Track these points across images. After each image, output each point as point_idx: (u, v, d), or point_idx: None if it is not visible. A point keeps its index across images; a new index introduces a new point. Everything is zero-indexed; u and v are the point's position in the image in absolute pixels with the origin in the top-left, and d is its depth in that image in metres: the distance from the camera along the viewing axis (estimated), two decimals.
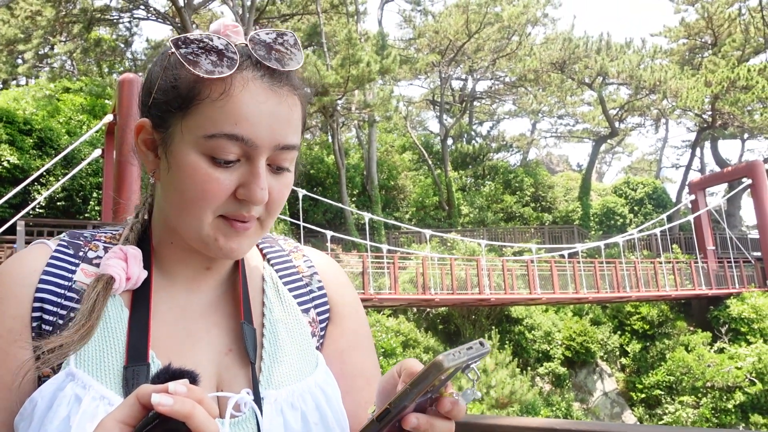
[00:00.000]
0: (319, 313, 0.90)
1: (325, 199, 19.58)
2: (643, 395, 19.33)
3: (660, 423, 17.98)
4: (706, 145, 34.46)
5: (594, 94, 29.79)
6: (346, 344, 0.91)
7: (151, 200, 0.86)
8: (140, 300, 0.78)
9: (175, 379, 0.57)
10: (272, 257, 0.93)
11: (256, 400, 0.76)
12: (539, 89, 31.92)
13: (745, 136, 33.79)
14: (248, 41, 0.75)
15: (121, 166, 9.13)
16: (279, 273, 0.91)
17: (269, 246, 0.95)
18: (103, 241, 0.84)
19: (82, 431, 0.66)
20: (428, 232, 18.87)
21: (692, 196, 24.15)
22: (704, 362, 18.37)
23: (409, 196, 28.61)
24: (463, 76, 34.18)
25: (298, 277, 0.92)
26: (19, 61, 28.81)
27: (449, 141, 31.44)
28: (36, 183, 15.23)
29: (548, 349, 19.09)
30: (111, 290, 0.76)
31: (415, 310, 19.26)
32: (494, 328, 18.49)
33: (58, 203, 16.25)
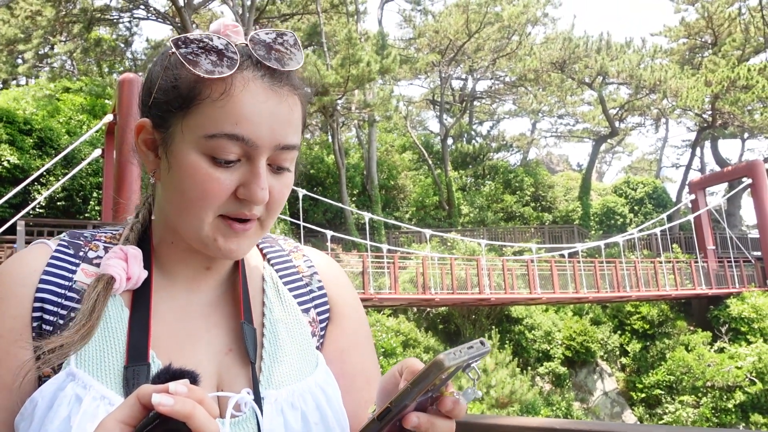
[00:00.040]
0: (319, 313, 0.90)
1: (325, 199, 19.58)
2: (644, 395, 19.33)
3: (660, 422, 17.98)
4: (706, 144, 34.45)
5: (594, 94, 29.78)
6: (346, 344, 0.91)
7: (151, 200, 0.85)
8: (140, 300, 0.78)
9: (176, 379, 0.57)
10: (272, 257, 0.93)
11: (257, 399, 0.76)
12: (539, 89, 31.92)
13: (745, 135, 33.79)
14: (248, 41, 0.75)
15: (121, 166, 9.13)
16: (279, 273, 0.91)
17: (269, 246, 0.95)
18: (103, 241, 0.84)
19: (83, 431, 0.66)
20: (428, 232, 18.88)
21: (692, 196, 24.16)
22: (704, 362, 18.37)
23: (409, 196, 28.61)
24: (463, 76, 34.18)
25: (298, 277, 0.92)
26: (19, 60, 28.81)
27: (449, 141, 31.43)
28: (36, 183, 15.23)
29: (548, 348, 19.10)
30: (111, 290, 0.76)
31: (415, 309, 19.26)
32: (494, 327, 18.50)
33: (59, 203, 16.25)
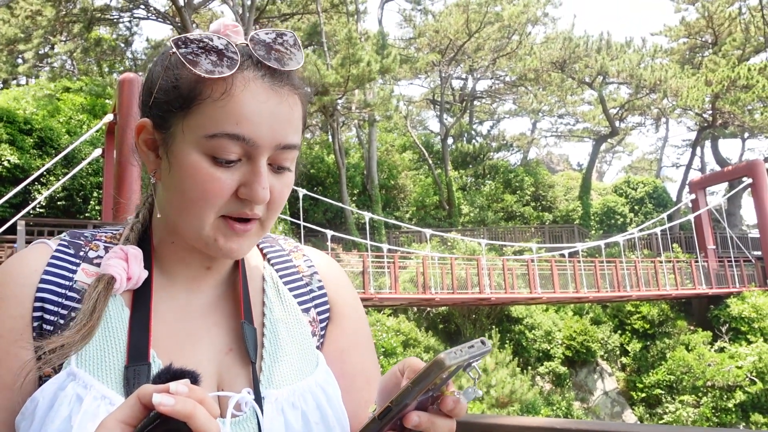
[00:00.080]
0: (320, 313, 0.90)
1: (325, 199, 19.59)
2: (644, 394, 19.33)
3: (660, 422, 17.98)
4: (707, 144, 34.44)
5: (594, 94, 29.78)
6: (346, 344, 0.91)
7: (151, 200, 0.85)
8: (141, 300, 0.78)
9: (177, 379, 0.57)
10: (272, 257, 0.93)
11: (257, 399, 0.76)
12: (539, 88, 31.92)
13: (746, 135, 33.79)
14: (248, 41, 0.75)
15: (122, 166, 9.13)
16: (279, 273, 0.91)
17: (269, 246, 0.95)
18: (103, 241, 0.84)
19: (84, 431, 0.66)
20: (428, 232, 18.88)
21: (692, 196, 24.15)
22: (705, 361, 18.37)
23: (410, 196, 28.61)
24: (464, 76, 34.19)
25: (299, 277, 0.92)
26: (20, 60, 28.82)
27: (449, 140, 31.44)
28: (36, 182, 15.23)
29: (548, 348, 19.10)
30: (112, 290, 0.76)
31: (416, 309, 19.27)
32: (494, 327, 18.50)
33: (59, 203, 16.25)
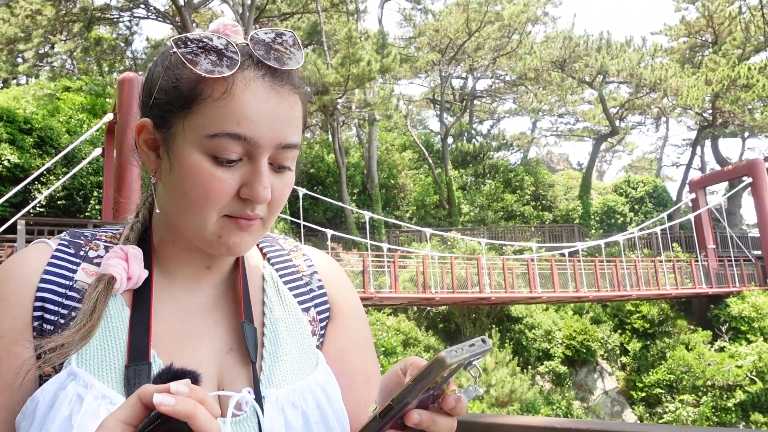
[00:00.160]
0: (319, 312, 0.90)
1: (325, 198, 19.59)
2: (644, 394, 19.34)
3: (660, 421, 17.98)
4: (707, 143, 34.44)
5: (594, 93, 29.77)
6: (346, 343, 0.91)
7: (151, 200, 0.85)
8: (141, 299, 0.78)
9: (177, 379, 0.57)
10: (272, 256, 0.93)
11: (257, 399, 0.76)
12: (539, 88, 31.91)
13: (746, 134, 33.78)
14: (248, 41, 0.75)
15: (122, 165, 9.14)
16: (279, 272, 0.91)
17: (269, 245, 0.95)
18: (103, 241, 0.84)
19: (84, 430, 0.66)
20: (428, 231, 18.89)
21: (693, 195, 24.16)
22: (704, 361, 18.38)
23: (410, 195, 28.61)
24: (464, 75, 34.19)
25: (298, 276, 0.92)
26: (20, 60, 28.80)
27: (449, 140, 31.44)
28: (36, 182, 15.24)
29: (548, 347, 19.10)
30: (112, 290, 0.76)
31: (416, 308, 19.27)
32: (494, 326, 18.50)
33: (59, 202, 16.25)
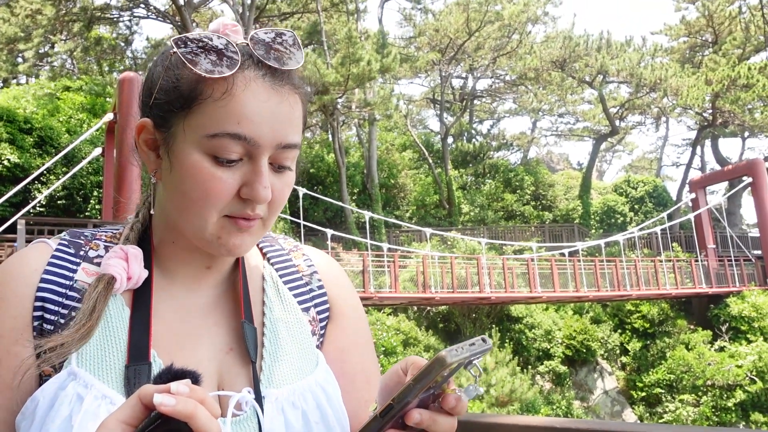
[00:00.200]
0: (319, 312, 0.90)
1: (325, 198, 19.59)
2: (644, 393, 19.34)
3: (660, 421, 17.99)
4: (707, 143, 34.44)
5: (594, 93, 29.77)
6: (345, 343, 0.91)
7: (151, 199, 0.85)
8: (141, 299, 0.78)
9: (178, 379, 0.57)
10: (272, 256, 0.93)
11: (257, 398, 0.76)
12: (539, 87, 31.91)
13: (746, 134, 33.79)
14: (248, 40, 0.75)
15: (122, 165, 9.15)
16: (279, 272, 0.91)
17: (269, 245, 0.95)
18: (103, 240, 0.84)
19: (84, 430, 0.66)
20: (429, 231, 18.89)
21: (693, 195, 24.17)
22: (705, 360, 18.38)
23: (410, 195, 28.62)
24: (464, 75, 34.18)
25: (298, 276, 0.92)
26: (20, 59, 28.79)
27: (449, 139, 31.43)
28: (36, 182, 15.23)
29: (548, 347, 19.10)
30: (112, 290, 0.76)
31: (416, 308, 19.27)
32: (494, 326, 18.50)
33: (59, 202, 16.25)
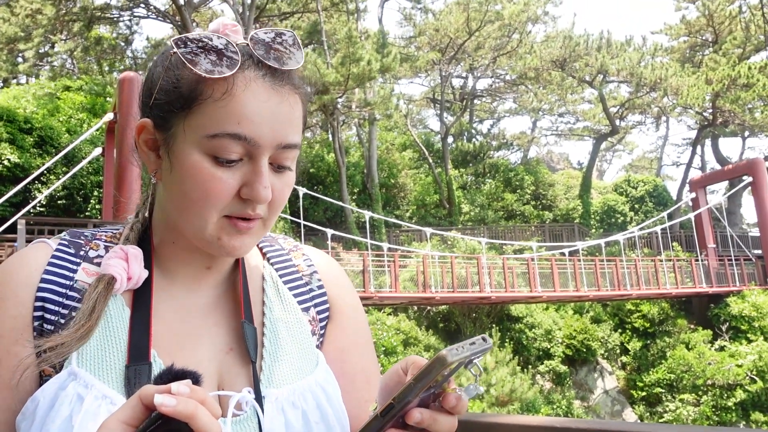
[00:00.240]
0: (319, 312, 0.90)
1: (325, 198, 19.58)
2: (644, 393, 19.34)
3: (661, 421, 17.99)
4: (707, 142, 34.43)
5: (594, 92, 29.76)
6: (345, 343, 0.91)
7: (151, 200, 0.85)
8: (141, 299, 0.78)
9: (178, 379, 0.57)
10: (272, 256, 0.93)
11: (258, 398, 0.76)
12: (540, 87, 31.91)
13: (746, 133, 33.78)
14: (248, 40, 0.75)
15: (122, 165, 9.15)
16: (279, 272, 0.91)
17: (269, 245, 0.95)
18: (103, 241, 0.84)
19: (85, 431, 0.66)
20: (429, 231, 18.89)
21: (693, 194, 24.15)
22: (705, 360, 18.37)
23: (410, 195, 28.62)
24: (464, 74, 34.18)
25: (298, 276, 0.92)
26: (20, 59, 28.79)
27: (450, 139, 31.43)
28: (36, 181, 15.23)
29: (549, 347, 19.10)
30: (112, 290, 0.76)
31: (416, 308, 19.27)
32: (495, 326, 18.50)
33: (59, 202, 16.24)
